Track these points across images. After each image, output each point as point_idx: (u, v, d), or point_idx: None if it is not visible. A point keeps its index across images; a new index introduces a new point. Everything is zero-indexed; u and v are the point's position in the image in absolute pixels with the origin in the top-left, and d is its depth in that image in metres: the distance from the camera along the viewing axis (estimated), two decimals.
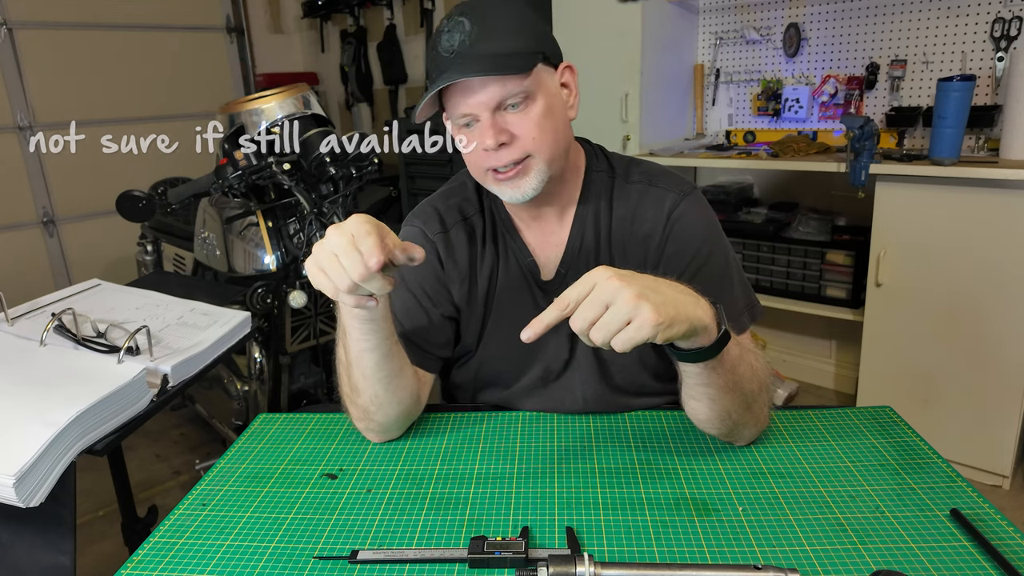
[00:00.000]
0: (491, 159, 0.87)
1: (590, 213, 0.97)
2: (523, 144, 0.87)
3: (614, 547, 0.70)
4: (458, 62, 0.83)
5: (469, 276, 0.99)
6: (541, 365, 1.00)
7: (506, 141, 0.86)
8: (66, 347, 1.09)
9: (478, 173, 0.92)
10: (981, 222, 1.86)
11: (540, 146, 0.87)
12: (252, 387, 2.06)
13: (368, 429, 0.91)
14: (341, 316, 0.84)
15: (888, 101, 2.32)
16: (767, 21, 2.56)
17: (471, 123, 0.88)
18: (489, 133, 0.85)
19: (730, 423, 0.82)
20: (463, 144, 0.91)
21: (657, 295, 0.66)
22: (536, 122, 0.87)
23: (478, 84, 0.84)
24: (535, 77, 0.86)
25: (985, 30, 2.08)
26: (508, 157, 0.87)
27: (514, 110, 0.86)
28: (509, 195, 0.90)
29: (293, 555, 0.71)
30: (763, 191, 2.74)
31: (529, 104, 0.86)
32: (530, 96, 0.86)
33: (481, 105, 0.85)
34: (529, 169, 0.88)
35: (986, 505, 0.73)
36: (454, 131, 0.92)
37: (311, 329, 2.04)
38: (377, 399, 0.87)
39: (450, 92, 0.87)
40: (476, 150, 0.88)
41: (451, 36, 0.85)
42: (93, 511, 2.08)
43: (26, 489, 0.80)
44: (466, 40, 0.84)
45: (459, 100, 0.86)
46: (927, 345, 2.03)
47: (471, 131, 0.88)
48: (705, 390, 0.78)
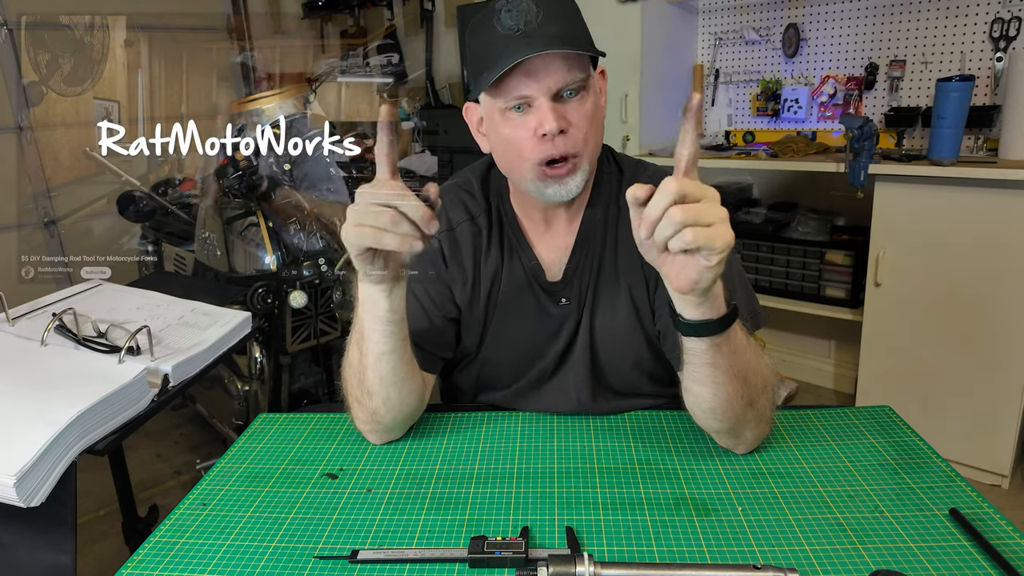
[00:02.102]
0: (546, 148, 0.84)
1: (599, 215, 0.97)
2: (576, 137, 0.85)
3: (614, 547, 0.70)
4: (525, 40, 0.81)
5: (473, 277, 0.98)
6: (538, 366, 1.00)
7: (565, 128, 0.84)
8: (67, 347, 1.09)
9: (522, 165, 0.87)
10: (980, 222, 1.86)
11: (589, 141, 0.86)
12: (253, 387, 2.06)
13: (372, 431, 0.91)
14: (362, 320, 0.83)
15: (887, 101, 2.32)
16: (766, 21, 2.56)
17: (522, 107, 0.85)
18: (551, 116, 0.82)
19: (732, 416, 0.80)
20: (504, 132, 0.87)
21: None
22: (589, 116, 0.86)
23: (543, 67, 0.82)
24: (590, 73, 0.86)
25: (984, 30, 2.08)
26: (563, 146, 0.84)
27: (571, 97, 0.84)
28: (553, 192, 0.87)
29: (293, 555, 0.71)
30: (762, 191, 2.74)
31: (584, 96, 0.85)
32: (586, 88, 0.85)
33: (544, 88, 0.83)
34: (577, 168, 0.87)
35: (985, 505, 0.73)
36: (495, 118, 0.88)
37: (311, 329, 2.04)
38: (389, 401, 0.87)
39: (508, 73, 0.83)
40: (527, 138, 0.85)
41: (515, 15, 0.82)
42: (94, 511, 2.08)
43: (27, 489, 0.80)
44: (532, 20, 0.82)
45: (518, 81, 0.83)
46: (926, 345, 2.03)
47: (521, 116, 0.85)
48: (711, 372, 0.76)
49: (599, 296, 0.96)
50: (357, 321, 0.85)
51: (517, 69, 0.82)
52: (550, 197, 0.89)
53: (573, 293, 0.96)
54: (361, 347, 0.85)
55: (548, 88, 0.83)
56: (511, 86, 0.84)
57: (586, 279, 0.96)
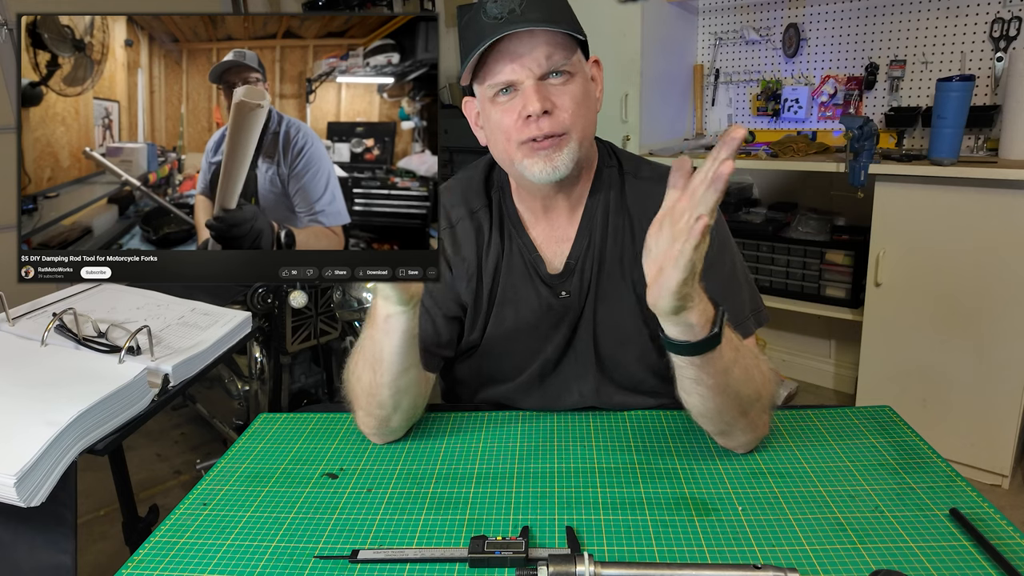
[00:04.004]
0: (531, 128, 0.86)
1: (600, 208, 0.97)
2: (562, 118, 0.86)
3: (614, 547, 0.70)
4: (509, 26, 0.82)
5: (476, 271, 0.99)
6: (540, 359, 1.00)
7: (549, 109, 0.85)
8: (67, 347, 1.09)
9: (510, 147, 0.89)
10: (980, 222, 1.86)
11: (576, 122, 0.87)
12: (253, 387, 2.06)
13: (376, 434, 0.91)
14: (379, 344, 0.82)
15: (887, 101, 2.32)
16: (766, 21, 2.56)
17: (509, 90, 0.86)
18: (535, 98, 0.84)
19: (722, 423, 0.81)
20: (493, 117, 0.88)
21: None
22: (576, 98, 0.86)
23: (527, 49, 0.84)
24: (577, 57, 0.87)
25: (984, 30, 2.08)
26: (548, 127, 0.85)
27: (557, 78, 0.86)
28: (541, 169, 0.88)
29: (294, 554, 0.71)
30: (763, 191, 2.74)
31: (571, 79, 0.86)
32: (573, 74, 0.86)
33: (527, 71, 0.84)
34: (563, 145, 0.87)
35: (985, 504, 0.73)
36: (485, 106, 0.90)
37: (312, 329, 2.04)
38: (400, 407, 0.88)
39: (493, 58, 0.85)
40: (512, 122, 0.87)
41: (500, 5, 0.83)
42: (94, 511, 2.08)
43: (27, 489, 0.80)
44: (516, 8, 0.83)
45: (503, 65, 0.85)
46: (926, 345, 2.03)
47: (508, 100, 0.87)
48: (695, 386, 0.78)
49: (601, 289, 0.96)
50: (370, 343, 0.84)
51: (502, 54, 0.84)
52: (539, 177, 0.88)
53: (574, 286, 0.97)
54: (376, 369, 0.84)
55: (532, 71, 0.84)
56: (496, 70, 0.85)
57: (588, 272, 0.96)
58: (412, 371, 0.85)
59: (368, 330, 0.84)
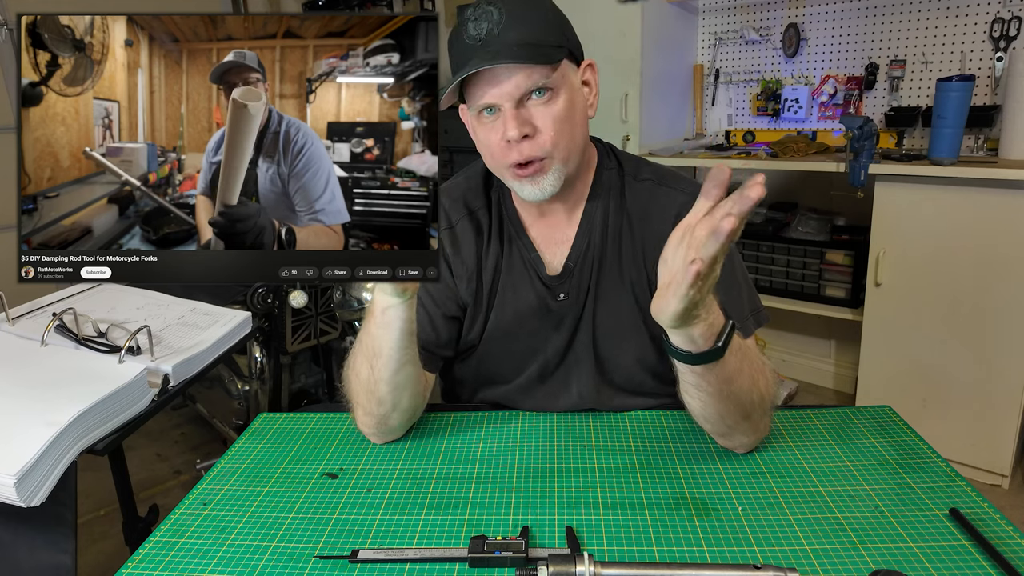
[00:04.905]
0: (512, 152, 0.86)
1: (599, 210, 0.97)
2: (542, 141, 0.86)
3: (614, 547, 0.70)
4: (485, 50, 0.83)
5: (475, 271, 0.99)
6: (540, 360, 1.00)
7: (529, 133, 0.85)
8: (67, 347, 1.09)
9: (497, 167, 0.91)
10: (980, 222, 1.86)
11: (559, 142, 0.87)
12: (253, 387, 2.06)
13: (375, 433, 0.91)
14: (377, 338, 0.82)
15: (887, 101, 2.32)
16: (766, 21, 2.56)
17: (493, 110, 0.86)
18: (513, 124, 0.84)
19: (724, 426, 0.82)
20: (480, 135, 0.90)
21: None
22: (557, 117, 0.86)
23: (504, 73, 0.83)
24: (560, 71, 0.86)
25: (984, 30, 2.08)
26: (529, 151, 0.86)
27: (538, 97, 0.85)
28: (528, 191, 0.89)
29: (294, 554, 0.71)
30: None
31: (552, 98, 0.86)
32: (554, 90, 0.86)
33: (505, 95, 0.84)
34: (547, 168, 0.88)
35: (985, 504, 0.73)
36: (472, 122, 0.91)
37: (311, 329, 2.04)
38: (399, 406, 0.88)
39: (473, 81, 0.85)
40: (496, 143, 0.87)
41: (478, 24, 0.83)
42: (94, 510, 2.08)
43: (27, 489, 0.80)
44: (494, 29, 0.83)
45: (483, 89, 0.85)
46: (926, 345, 2.03)
47: (491, 121, 0.87)
48: (696, 391, 0.78)
49: (601, 291, 0.96)
50: (368, 337, 0.84)
51: (481, 78, 0.85)
52: (529, 197, 0.90)
53: (572, 288, 0.97)
54: (374, 364, 0.84)
55: (510, 95, 0.84)
56: (476, 94, 0.86)
57: (586, 274, 0.96)
58: (410, 367, 0.85)
59: (367, 325, 0.84)
